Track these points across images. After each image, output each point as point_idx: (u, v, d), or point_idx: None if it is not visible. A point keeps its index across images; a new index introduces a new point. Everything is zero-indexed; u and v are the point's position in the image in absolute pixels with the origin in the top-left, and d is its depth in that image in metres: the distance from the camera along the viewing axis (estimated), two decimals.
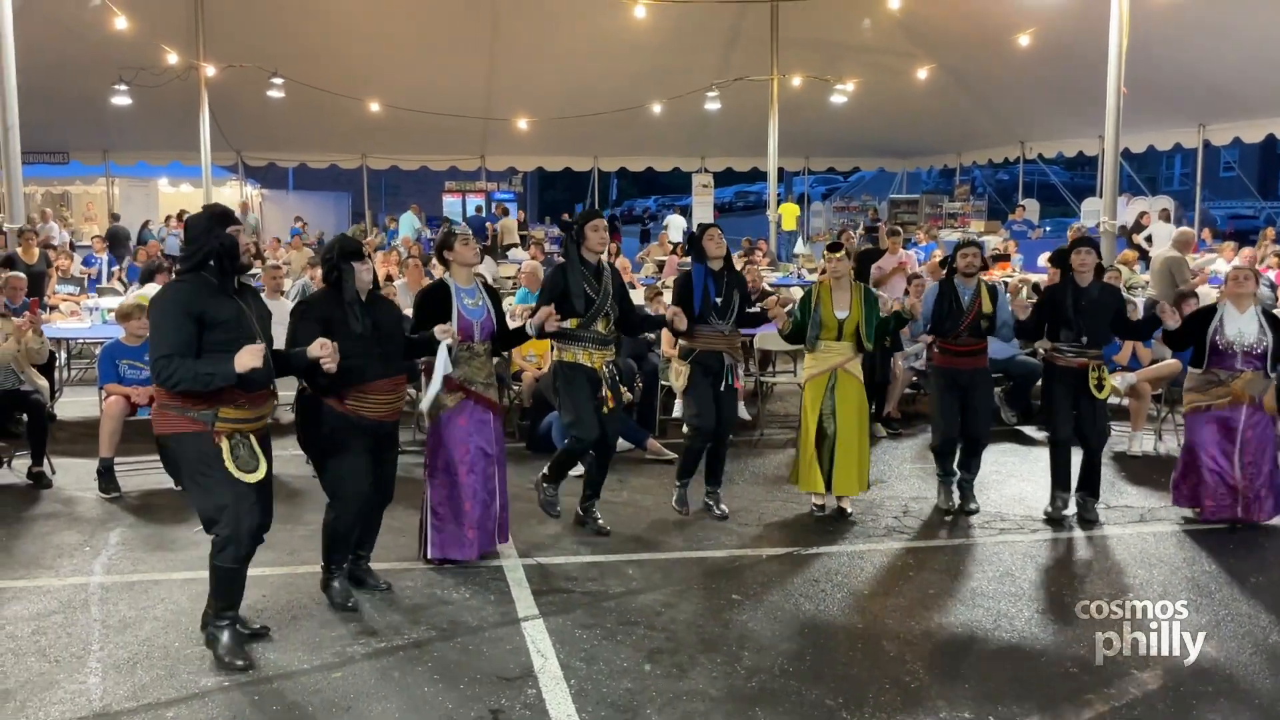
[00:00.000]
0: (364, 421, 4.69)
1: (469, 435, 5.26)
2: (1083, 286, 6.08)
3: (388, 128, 21.11)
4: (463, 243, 5.38)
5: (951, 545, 5.81)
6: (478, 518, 5.30)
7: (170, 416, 4.08)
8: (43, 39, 15.07)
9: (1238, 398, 5.92)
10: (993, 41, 17.03)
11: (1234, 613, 4.84)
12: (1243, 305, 6.00)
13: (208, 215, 4.18)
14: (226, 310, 4.07)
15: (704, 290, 6.03)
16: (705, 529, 6.04)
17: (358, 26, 17.75)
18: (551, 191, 38.05)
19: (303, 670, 4.16)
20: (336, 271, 4.70)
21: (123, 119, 19.25)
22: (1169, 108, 17.15)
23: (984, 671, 4.24)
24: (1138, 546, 5.79)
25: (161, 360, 3.95)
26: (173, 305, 4.03)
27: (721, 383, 6.13)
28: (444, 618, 4.70)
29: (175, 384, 3.94)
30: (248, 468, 4.10)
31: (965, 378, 6.32)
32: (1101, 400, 6.10)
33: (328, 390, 4.62)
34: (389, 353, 4.80)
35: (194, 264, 4.09)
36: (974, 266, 6.29)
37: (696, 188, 24.87)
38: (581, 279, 5.61)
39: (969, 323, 6.24)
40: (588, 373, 5.66)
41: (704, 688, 4.05)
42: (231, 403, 4.08)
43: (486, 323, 5.36)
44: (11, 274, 9.05)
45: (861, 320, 6.14)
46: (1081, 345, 6.07)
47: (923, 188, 29.71)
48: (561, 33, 18.29)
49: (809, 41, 18.38)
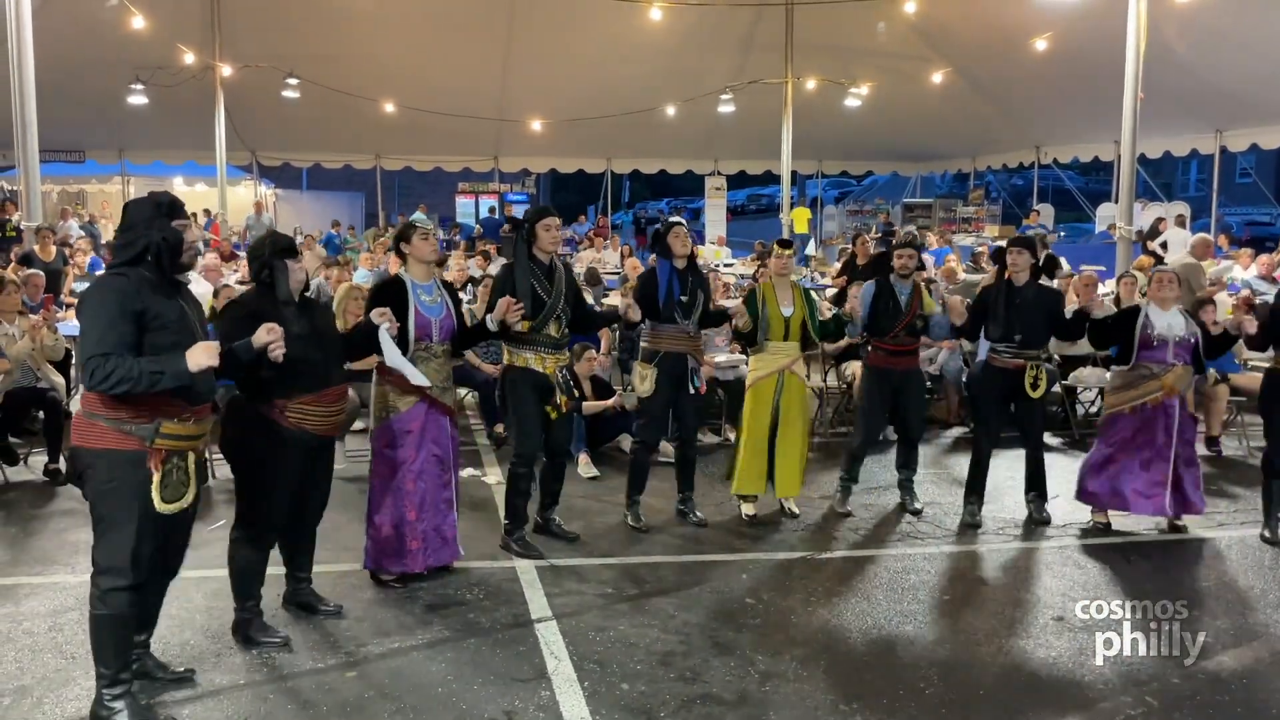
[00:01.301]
0: (304, 436, 4.26)
1: (421, 442, 4.95)
2: (1018, 286, 6.11)
3: (402, 128, 21.17)
4: (421, 237, 5.09)
5: (966, 551, 5.79)
6: (423, 529, 4.99)
7: (99, 429, 3.54)
8: (60, 38, 15.15)
9: (1169, 391, 5.90)
10: (1008, 45, 16.99)
11: (1251, 623, 4.81)
12: (1166, 306, 6.03)
13: (152, 203, 3.70)
14: (169, 310, 3.60)
15: (668, 288, 5.87)
16: (718, 533, 6.03)
17: (373, 28, 17.80)
18: (564, 193, 38.07)
19: (316, 670, 4.17)
20: (268, 269, 4.26)
21: (139, 118, 19.35)
22: (1186, 113, 17.07)
23: (1000, 678, 4.22)
24: (1158, 554, 5.76)
25: (96, 359, 3.41)
26: (110, 300, 3.51)
27: (686, 387, 5.94)
28: (457, 618, 4.70)
29: (113, 385, 3.40)
30: (175, 496, 3.60)
31: (898, 378, 6.34)
32: (1038, 400, 6.13)
33: (268, 398, 4.19)
34: (330, 357, 4.40)
35: (130, 257, 3.62)
36: (909, 268, 6.32)
37: (709, 190, 24.86)
38: (531, 279, 5.33)
39: (906, 323, 6.25)
40: (537, 378, 5.40)
41: (718, 691, 4.04)
42: (175, 416, 3.59)
43: (445, 321, 5.08)
44: (31, 272, 9.12)
45: (806, 315, 6.15)
46: (1017, 345, 6.07)
47: (936, 192, 29.65)
48: (576, 35, 18.31)
49: (824, 45, 18.35)
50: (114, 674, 3.66)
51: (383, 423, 4.96)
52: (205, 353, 3.50)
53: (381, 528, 4.96)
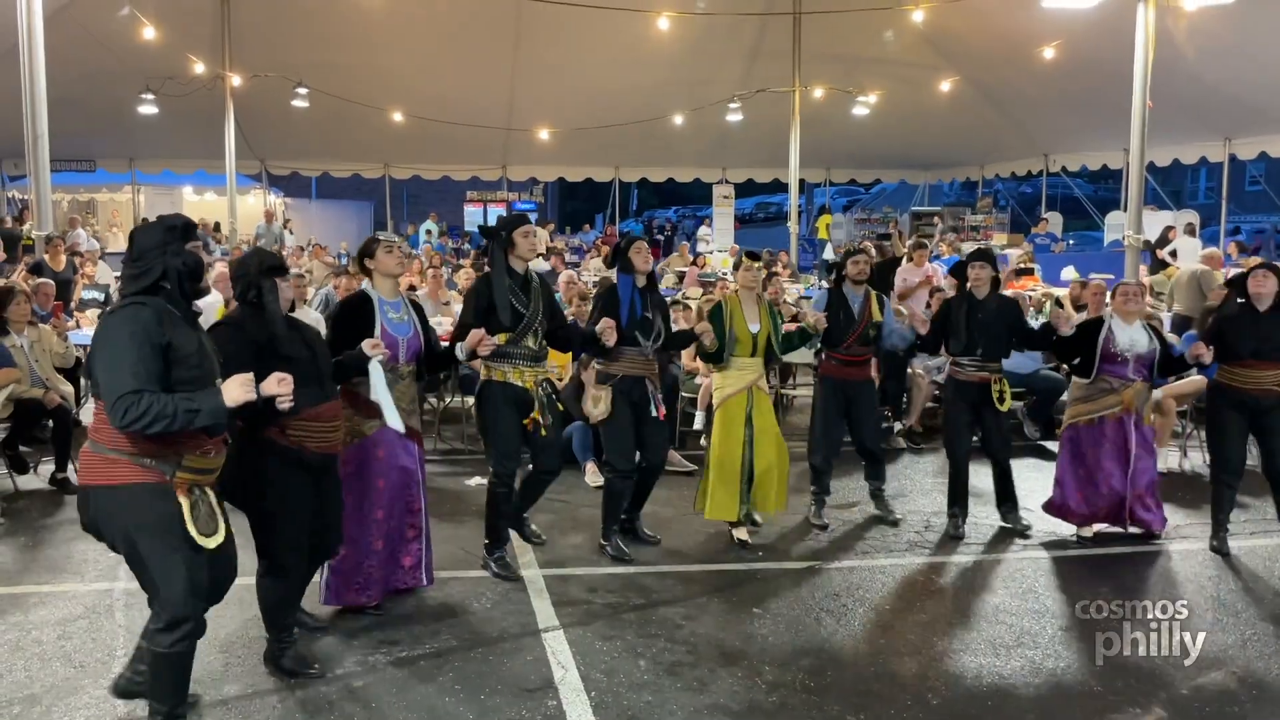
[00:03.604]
0: (306, 455, 4.05)
1: (388, 468, 4.70)
2: (979, 299, 6.13)
3: (410, 137, 21.26)
4: (385, 250, 4.81)
5: (974, 561, 5.77)
6: (385, 557, 4.76)
7: (118, 463, 3.33)
8: (72, 49, 15.25)
9: (1128, 406, 5.90)
10: (1017, 54, 16.99)
11: (1260, 632, 4.78)
12: (1130, 320, 6.02)
13: (163, 228, 3.47)
14: (189, 341, 3.40)
15: (630, 305, 5.57)
16: (725, 542, 6.01)
17: (381, 37, 17.87)
18: (573, 202, 38.18)
19: (324, 678, 4.17)
20: (256, 289, 3.98)
21: (149, 128, 19.44)
22: (1194, 121, 17.03)
23: (1007, 690, 4.20)
24: (1163, 564, 5.74)
25: (128, 397, 3.18)
26: (137, 331, 3.28)
27: (646, 411, 5.63)
28: (465, 628, 4.71)
29: (147, 425, 3.18)
30: (208, 530, 3.43)
31: (852, 389, 6.31)
32: (1004, 413, 6.17)
33: (266, 422, 3.94)
34: (324, 373, 4.19)
35: (147, 285, 3.40)
36: (864, 274, 6.29)
37: (717, 199, 24.90)
38: (508, 291, 5.12)
39: (859, 331, 6.23)
40: (517, 393, 5.17)
41: (724, 702, 4.04)
42: (197, 449, 3.41)
43: (413, 341, 4.82)
44: (41, 280, 9.17)
45: (771, 332, 6.00)
46: (980, 359, 6.09)
47: (944, 200, 29.60)
48: (584, 43, 18.36)
49: (831, 53, 18.39)
50: (170, 710, 3.50)
51: (349, 446, 4.61)
52: (241, 387, 3.32)
53: (346, 558, 4.66)
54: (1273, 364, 5.68)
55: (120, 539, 3.39)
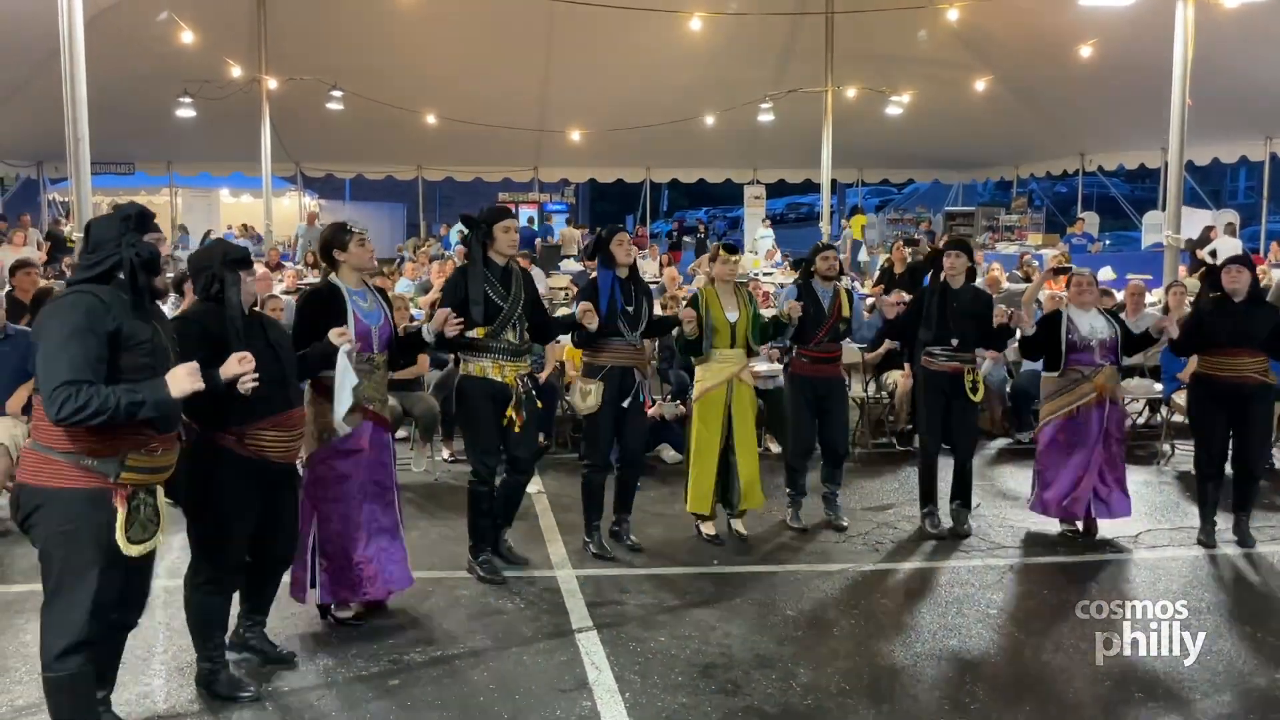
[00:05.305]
0: (264, 465, 3.90)
1: (366, 462, 4.59)
2: (954, 289, 6.11)
3: (443, 139, 21.41)
4: (358, 243, 4.61)
5: (1009, 565, 5.71)
6: (375, 553, 4.63)
7: (54, 465, 3.16)
8: (112, 53, 15.42)
9: (1101, 392, 5.90)
10: (1053, 52, 16.81)
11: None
12: (1086, 308, 6.06)
13: (120, 218, 3.31)
14: (141, 330, 3.24)
15: (611, 298, 5.51)
16: (757, 544, 6.00)
17: (415, 40, 17.99)
18: (603, 202, 38.22)
19: (360, 676, 4.20)
20: (218, 283, 3.82)
21: (187, 130, 19.69)
22: (1235, 119, 16.79)
23: (1045, 694, 4.16)
24: (1189, 569, 5.65)
25: (64, 388, 3.01)
26: (79, 318, 3.12)
27: (629, 400, 5.59)
28: (499, 627, 4.72)
29: (87, 418, 3.02)
30: (142, 536, 3.27)
31: (823, 386, 6.23)
32: (974, 405, 6.16)
33: (223, 425, 3.82)
34: (289, 377, 4.03)
35: (97, 275, 3.25)
36: (833, 270, 6.24)
37: (748, 199, 24.87)
38: (485, 284, 5.05)
39: (829, 327, 6.17)
40: (495, 389, 5.10)
41: (759, 704, 4.02)
42: (142, 447, 3.24)
43: (384, 329, 4.69)
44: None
45: (750, 321, 5.96)
46: (953, 349, 6.05)
47: (979, 200, 29.36)
48: (616, 45, 18.38)
49: (864, 53, 18.28)
50: None
51: (325, 443, 4.51)
52: (188, 376, 3.17)
53: (334, 558, 4.56)
54: (1252, 351, 5.76)
55: (40, 541, 3.23)
